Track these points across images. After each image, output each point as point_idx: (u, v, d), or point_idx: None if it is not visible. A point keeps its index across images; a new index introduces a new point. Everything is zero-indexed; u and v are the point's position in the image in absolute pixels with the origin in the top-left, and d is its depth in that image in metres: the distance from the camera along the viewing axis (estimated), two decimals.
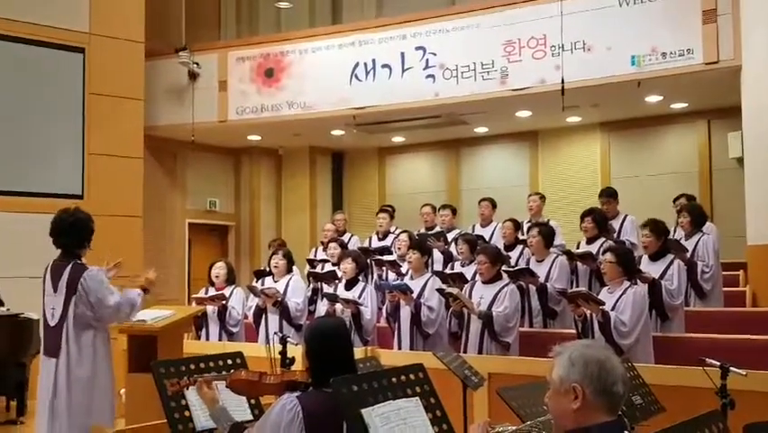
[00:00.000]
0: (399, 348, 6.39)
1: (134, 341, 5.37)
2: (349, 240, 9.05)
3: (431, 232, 8.40)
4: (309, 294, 7.57)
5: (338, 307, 6.61)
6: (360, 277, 6.92)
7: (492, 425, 2.58)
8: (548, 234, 6.89)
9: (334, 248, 8.03)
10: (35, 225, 4.68)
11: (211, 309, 7.00)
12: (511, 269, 6.68)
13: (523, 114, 10.30)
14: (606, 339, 5.06)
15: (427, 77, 9.57)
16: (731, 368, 3.62)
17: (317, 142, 12.33)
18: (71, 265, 4.56)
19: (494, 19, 9.23)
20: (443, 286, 6.31)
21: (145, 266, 8.48)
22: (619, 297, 5.27)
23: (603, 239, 7.00)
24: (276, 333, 4.87)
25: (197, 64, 10.69)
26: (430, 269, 6.99)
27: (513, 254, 7.49)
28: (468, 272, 6.87)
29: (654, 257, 6.04)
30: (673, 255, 6.09)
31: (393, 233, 8.80)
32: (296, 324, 6.85)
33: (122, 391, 5.32)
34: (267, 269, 7.72)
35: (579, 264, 7.01)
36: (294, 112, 10.37)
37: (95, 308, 4.52)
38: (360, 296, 6.62)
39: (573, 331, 5.59)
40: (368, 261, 7.83)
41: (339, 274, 7.14)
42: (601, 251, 6.34)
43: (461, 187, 12.07)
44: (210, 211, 12.26)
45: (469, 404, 4.54)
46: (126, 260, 5.18)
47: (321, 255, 8.78)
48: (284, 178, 12.81)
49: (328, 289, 7.24)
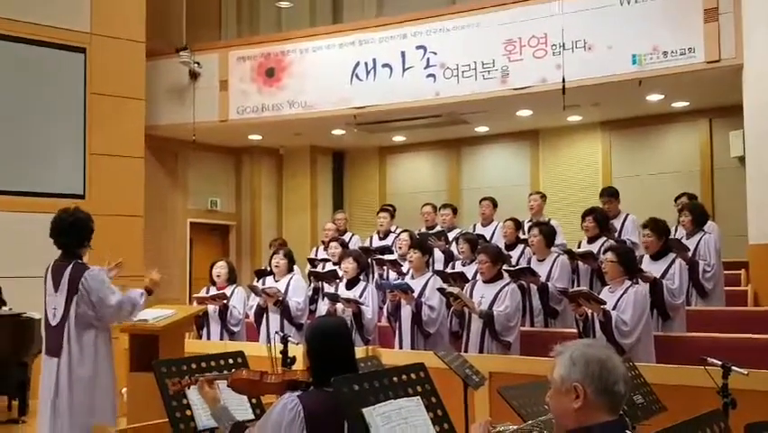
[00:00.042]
0: (400, 348, 6.38)
1: (136, 340, 5.38)
2: (350, 239, 9.05)
3: (432, 231, 8.40)
4: (310, 293, 7.58)
5: (339, 306, 6.61)
6: (361, 276, 6.92)
7: (493, 424, 2.57)
8: (549, 233, 6.89)
9: (335, 247, 8.03)
10: (37, 224, 4.68)
11: (212, 309, 7.00)
12: (512, 268, 6.68)
13: (524, 113, 10.30)
14: (607, 339, 5.06)
15: (428, 76, 9.56)
16: (732, 367, 3.62)
17: (318, 141, 12.33)
18: (72, 265, 4.56)
19: (495, 18, 9.22)
20: (444, 285, 6.31)
21: (146, 266, 8.51)
22: (620, 296, 5.27)
23: (604, 238, 7.00)
24: (277, 332, 4.87)
25: (198, 64, 10.69)
26: (431, 268, 6.99)
27: (514, 254, 7.50)
28: (469, 272, 6.87)
29: (656, 256, 6.03)
30: (675, 254, 6.08)
31: (394, 232, 8.80)
32: (297, 323, 6.85)
33: (123, 390, 5.32)
34: (268, 268, 7.72)
35: (580, 264, 7.01)
36: (295, 111, 10.37)
37: (96, 307, 4.52)
38: (361, 295, 6.62)
39: (574, 330, 5.59)
40: (369, 260, 7.82)
41: (340, 274, 7.14)
42: (602, 250, 6.34)
43: (461, 186, 12.06)
44: (211, 211, 12.27)
45: (470, 403, 4.54)
46: (127, 259, 5.20)
47: (322, 255, 8.79)
48: (285, 177, 12.81)
49: (329, 288, 7.24)
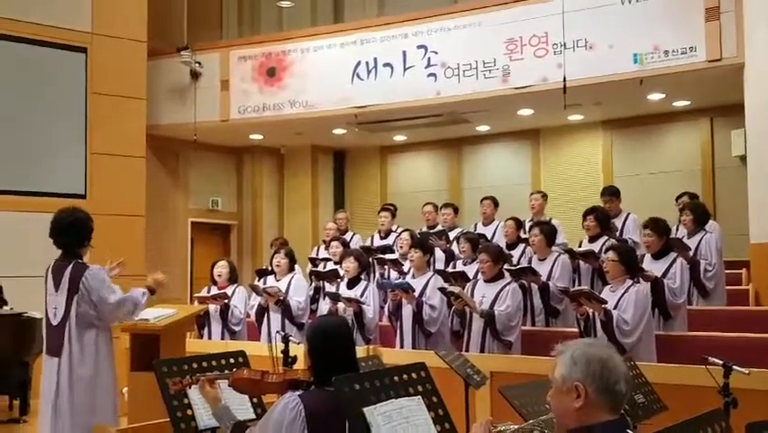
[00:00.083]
0: (401, 347, 6.38)
1: (137, 340, 5.38)
2: (351, 239, 9.05)
3: (433, 230, 8.38)
4: (311, 293, 7.58)
5: (340, 305, 6.61)
6: (362, 276, 6.92)
7: (494, 424, 2.57)
8: (550, 232, 6.89)
9: (336, 247, 8.03)
10: (38, 224, 4.67)
11: (213, 308, 7.00)
12: (513, 267, 6.68)
13: (525, 112, 10.29)
14: (608, 338, 5.06)
15: (429, 75, 9.56)
16: (734, 367, 3.62)
17: (319, 140, 12.33)
18: (72, 265, 4.56)
19: (496, 17, 9.22)
20: (445, 285, 6.30)
21: (148, 265, 8.53)
22: (622, 295, 5.27)
23: (605, 238, 7.00)
24: (278, 332, 4.87)
25: (199, 63, 10.70)
26: (432, 267, 6.99)
27: (515, 253, 7.49)
28: (470, 271, 6.86)
29: (657, 255, 6.03)
30: (676, 254, 6.08)
31: (395, 231, 8.80)
32: (298, 323, 6.85)
33: (124, 389, 5.32)
34: (269, 268, 7.72)
35: (581, 263, 7.00)
36: (296, 111, 10.37)
37: (97, 306, 4.51)
38: (362, 295, 6.62)
39: (575, 330, 5.59)
40: (370, 259, 7.82)
41: (341, 273, 7.14)
42: (603, 249, 6.34)
43: (462, 185, 12.06)
44: (212, 210, 12.27)
45: (471, 403, 4.54)
46: (128, 259, 5.19)
47: (323, 254, 8.79)
48: (286, 177, 12.82)
49: (330, 287, 7.24)
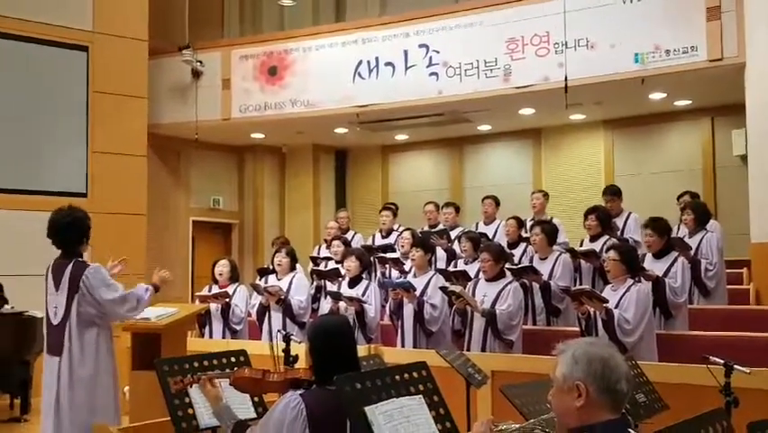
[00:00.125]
0: (403, 346, 6.39)
1: (138, 339, 5.39)
2: (352, 238, 9.05)
3: (434, 230, 8.38)
4: (312, 292, 7.58)
5: (341, 304, 6.61)
6: (363, 275, 6.92)
7: (495, 423, 2.57)
8: (551, 231, 6.89)
9: (338, 246, 8.03)
10: (39, 223, 4.67)
11: (214, 307, 7.00)
12: (514, 267, 6.67)
13: (526, 111, 10.28)
14: (609, 337, 5.06)
15: (430, 74, 9.56)
16: (735, 366, 3.62)
17: (321, 139, 12.33)
18: (72, 263, 4.55)
19: (497, 17, 9.21)
20: (447, 284, 6.31)
21: (149, 264, 8.53)
22: (623, 294, 5.27)
23: (606, 237, 7.00)
24: (279, 331, 4.86)
25: (201, 62, 10.69)
26: (433, 267, 6.99)
27: (516, 252, 7.50)
28: (471, 270, 6.86)
29: (658, 255, 6.03)
30: (677, 253, 6.08)
31: (396, 230, 8.80)
32: (299, 322, 6.85)
33: (125, 388, 5.32)
34: (270, 267, 7.72)
35: (582, 262, 7.00)
36: (297, 110, 10.37)
37: (100, 304, 4.51)
38: (363, 294, 6.62)
39: (577, 329, 5.59)
40: (371, 258, 7.82)
41: (342, 272, 7.14)
42: (605, 248, 6.34)
43: (464, 184, 12.05)
44: (214, 209, 12.28)
45: (472, 402, 4.54)
46: (130, 258, 5.20)
47: (324, 253, 8.79)
48: (287, 176, 12.82)
49: (332, 286, 7.24)
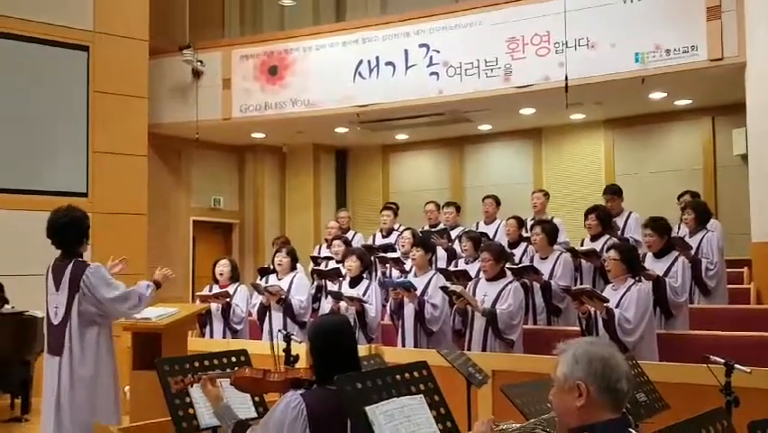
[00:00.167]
0: (403, 346, 6.39)
1: (138, 338, 5.39)
2: (353, 237, 9.04)
3: (435, 229, 8.38)
4: (313, 292, 7.58)
5: (342, 304, 6.61)
6: (364, 274, 6.92)
7: (496, 422, 2.57)
8: (552, 231, 6.89)
9: (338, 245, 8.03)
10: (40, 223, 4.67)
11: (215, 307, 7.01)
12: (515, 266, 6.67)
13: (527, 111, 10.29)
14: (610, 336, 5.07)
15: (431, 74, 9.56)
16: (735, 365, 3.61)
17: (321, 139, 12.33)
18: (72, 263, 4.55)
19: (497, 16, 9.22)
20: (447, 283, 6.30)
21: (150, 264, 8.54)
22: (623, 294, 5.27)
23: (607, 236, 7.00)
24: (280, 330, 4.87)
25: (201, 62, 10.70)
26: (434, 266, 6.99)
27: (517, 252, 7.50)
28: (472, 270, 6.86)
29: (659, 254, 6.03)
30: (678, 253, 6.08)
31: (397, 230, 8.80)
32: (300, 321, 6.86)
33: (126, 388, 5.32)
34: (271, 266, 7.72)
35: (583, 262, 7.00)
36: (298, 109, 10.38)
37: (101, 303, 4.51)
38: (364, 293, 6.62)
39: (577, 328, 5.59)
40: (372, 258, 7.82)
41: (343, 272, 7.14)
42: (605, 248, 6.34)
43: (464, 184, 12.06)
44: (214, 209, 12.28)
45: (473, 401, 4.54)
46: (130, 258, 5.20)
47: (325, 253, 8.79)
48: (288, 175, 12.82)
49: (332, 286, 7.23)
